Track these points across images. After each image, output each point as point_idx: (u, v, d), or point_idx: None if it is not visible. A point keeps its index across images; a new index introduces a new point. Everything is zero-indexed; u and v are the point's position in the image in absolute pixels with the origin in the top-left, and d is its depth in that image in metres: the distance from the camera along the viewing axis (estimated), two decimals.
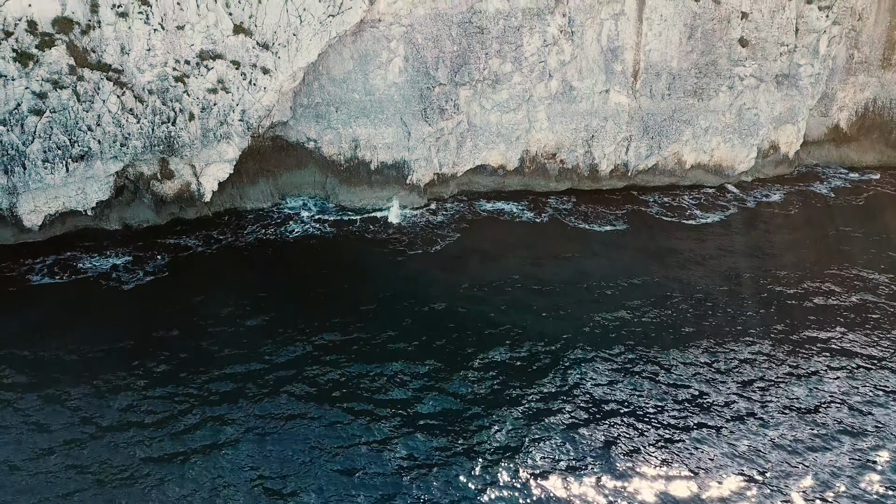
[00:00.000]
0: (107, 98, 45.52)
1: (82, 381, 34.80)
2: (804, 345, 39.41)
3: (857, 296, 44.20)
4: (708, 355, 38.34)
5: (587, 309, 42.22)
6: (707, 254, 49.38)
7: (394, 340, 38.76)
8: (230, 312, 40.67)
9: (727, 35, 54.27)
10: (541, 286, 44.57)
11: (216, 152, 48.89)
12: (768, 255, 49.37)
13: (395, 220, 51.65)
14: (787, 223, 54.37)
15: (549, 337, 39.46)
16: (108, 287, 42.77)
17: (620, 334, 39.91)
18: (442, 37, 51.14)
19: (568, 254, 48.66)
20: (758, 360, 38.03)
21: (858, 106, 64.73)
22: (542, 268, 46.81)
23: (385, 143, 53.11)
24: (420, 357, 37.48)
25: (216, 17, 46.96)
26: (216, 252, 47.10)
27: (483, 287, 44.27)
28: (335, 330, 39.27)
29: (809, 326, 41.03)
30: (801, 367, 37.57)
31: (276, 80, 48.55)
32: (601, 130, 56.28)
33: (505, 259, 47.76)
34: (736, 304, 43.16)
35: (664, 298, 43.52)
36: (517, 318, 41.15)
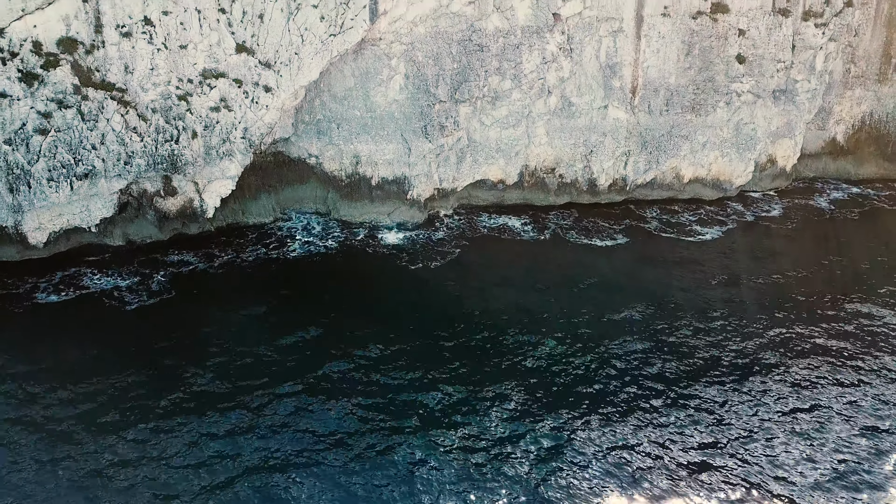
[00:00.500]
0: (111, 117, 46.06)
1: (84, 409, 35.23)
2: (807, 359, 40.00)
3: (854, 312, 44.80)
4: (727, 383, 38.95)
5: (591, 328, 42.75)
6: (706, 273, 49.57)
7: (397, 364, 39.28)
8: (233, 334, 41.13)
9: (724, 52, 54.79)
10: (544, 305, 44.96)
11: (219, 169, 49.42)
12: (765, 274, 49.71)
13: (394, 241, 51.85)
14: (786, 239, 54.68)
15: (555, 356, 40.05)
16: (111, 307, 43.26)
17: (628, 353, 40.46)
18: (442, 55, 51.68)
19: (571, 272, 48.85)
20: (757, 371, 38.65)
21: (855, 119, 65.20)
22: (544, 287, 47.08)
23: (386, 159, 53.63)
24: (426, 378, 38.04)
25: (219, 36, 47.51)
26: (219, 271, 47.56)
27: (485, 306, 44.76)
28: (340, 356, 39.49)
29: (810, 345, 41.54)
30: (805, 386, 38.12)
31: (278, 99, 49.09)
32: (600, 145, 56.80)
33: (508, 276, 48.14)
34: (735, 325, 43.67)
35: (670, 319, 43.83)
36: (521, 335, 41.73)
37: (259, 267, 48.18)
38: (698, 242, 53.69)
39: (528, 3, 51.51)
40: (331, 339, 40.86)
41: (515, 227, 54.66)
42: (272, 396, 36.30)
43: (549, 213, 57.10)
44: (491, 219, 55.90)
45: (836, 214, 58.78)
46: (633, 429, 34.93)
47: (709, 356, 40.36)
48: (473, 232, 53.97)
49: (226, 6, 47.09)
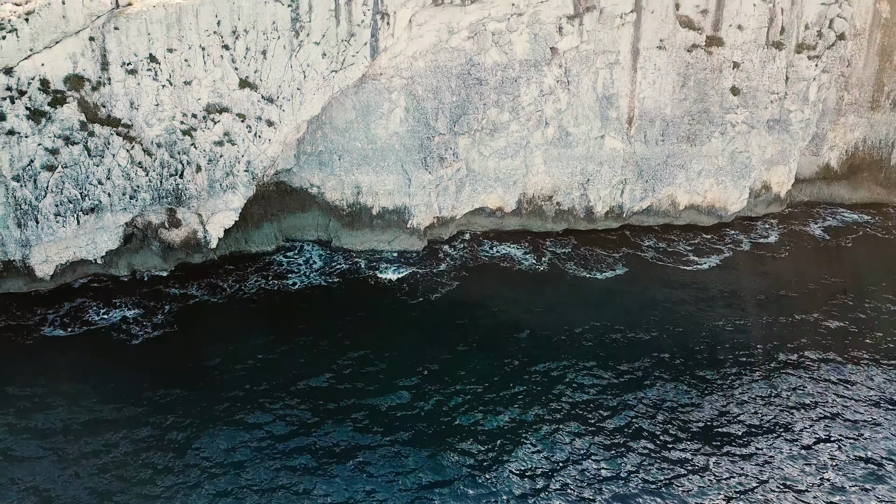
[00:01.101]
0: (116, 152, 46.98)
1: (90, 442, 36.23)
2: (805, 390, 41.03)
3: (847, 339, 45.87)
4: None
5: (588, 360, 43.69)
6: (704, 306, 50.16)
7: (398, 398, 40.22)
8: (236, 368, 42.04)
9: (719, 84, 55.75)
10: (542, 337, 45.90)
11: (222, 202, 50.31)
12: (761, 304, 50.51)
13: (394, 276, 52.38)
14: (781, 267, 55.26)
15: (552, 388, 40.99)
16: (118, 340, 44.17)
17: (625, 387, 41.46)
18: (441, 88, 52.62)
19: (568, 304, 49.60)
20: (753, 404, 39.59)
21: (849, 145, 66.14)
22: (542, 320, 47.80)
23: (386, 189, 54.55)
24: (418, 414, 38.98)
25: (222, 71, 48.43)
26: (222, 303, 48.44)
27: (484, 337, 45.64)
28: (343, 394, 40.41)
29: (808, 375, 42.52)
30: (803, 419, 39.13)
31: (280, 133, 50.01)
32: (596, 174, 57.72)
33: (505, 309, 48.83)
34: (734, 356, 44.63)
35: (667, 352, 44.75)
36: (522, 369, 42.68)
37: (261, 299, 49.04)
38: (696, 272, 54.29)
39: (525, 38, 52.45)
40: (333, 370, 41.90)
41: (516, 256, 55.32)
42: (276, 439, 37.19)
43: (547, 240, 57.89)
44: (492, 247, 56.47)
45: (831, 243, 59.27)
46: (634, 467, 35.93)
47: (713, 391, 41.34)
48: (474, 261, 54.67)
49: (229, 43, 48.01)
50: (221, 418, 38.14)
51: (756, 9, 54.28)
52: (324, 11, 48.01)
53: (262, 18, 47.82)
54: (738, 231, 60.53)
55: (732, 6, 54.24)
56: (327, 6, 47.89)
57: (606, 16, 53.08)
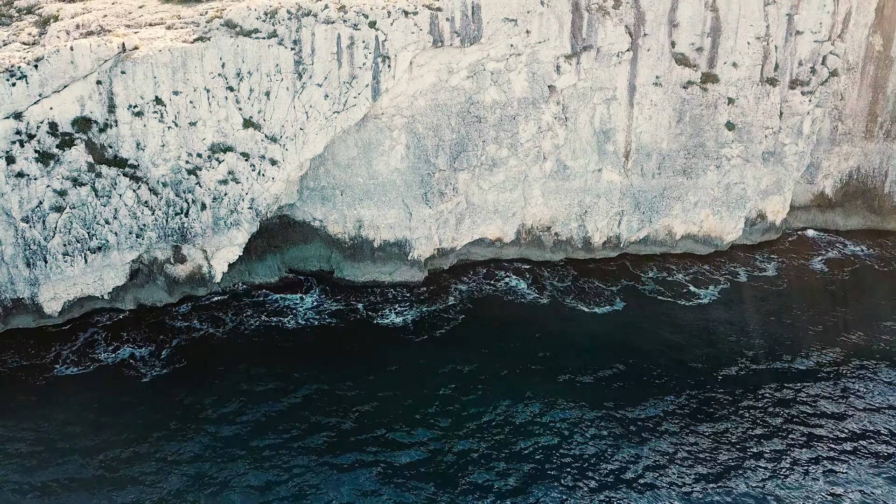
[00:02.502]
0: (123, 192, 48.03)
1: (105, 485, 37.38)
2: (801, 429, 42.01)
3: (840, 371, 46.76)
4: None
5: (589, 399, 44.66)
6: (704, 342, 50.91)
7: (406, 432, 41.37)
8: (242, 405, 43.20)
9: (714, 119, 56.73)
10: (541, 373, 46.87)
11: (226, 238, 51.34)
12: (764, 337, 51.22)
13: (397, 320, 52.90)
14: (778, 301, 55.93)
15: (553, 426, 42.02)
16: (128, 377, 45.26)
17: (625, 425, 42.45)
18: (442, 126, 53.62)
19: (568, 340, 50.51)
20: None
21: (843, 174, 67.13)
22: (543, 356, 48.77)
23: (388, 223, 55.57)
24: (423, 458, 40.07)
25: (227, 112, 49.46)
26: (226, 337, 49.53)
27: (486, 375, 46.61)
28: (347, 427, 41.64)
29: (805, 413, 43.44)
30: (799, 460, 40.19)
31: (283, 171, 51.03)
32: (594, 206, 58.72)
33: (508, 346, 49.75)
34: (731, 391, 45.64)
35: (670, 391, 45.73)
36: (525, 410, 43.64)
37: (263, 335, 50.01)
38: (696, 306, 54.84)
39: (524, 77, 53.45)
40: (336, 409, 43.07)
41: (519, 289, 56.16)
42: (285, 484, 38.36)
43: (546, 270, 58.80)
44: (496, 281, 57.32)
45: (828, 275, 59.72)
46: None
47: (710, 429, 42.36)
48: (476, 295, 55.57)
49: (234, 84, 49.03)
50: (227, 460, 39.25)
51: (750, 46, 55.25)
52: (326, 54, 49.02)
53: (266, 61, 48.83)
54: (735, 262, 61.24)
55: (727, 44, 55.21)
56: (329, 49, 48.90)
57: (603, 54, 54.06)
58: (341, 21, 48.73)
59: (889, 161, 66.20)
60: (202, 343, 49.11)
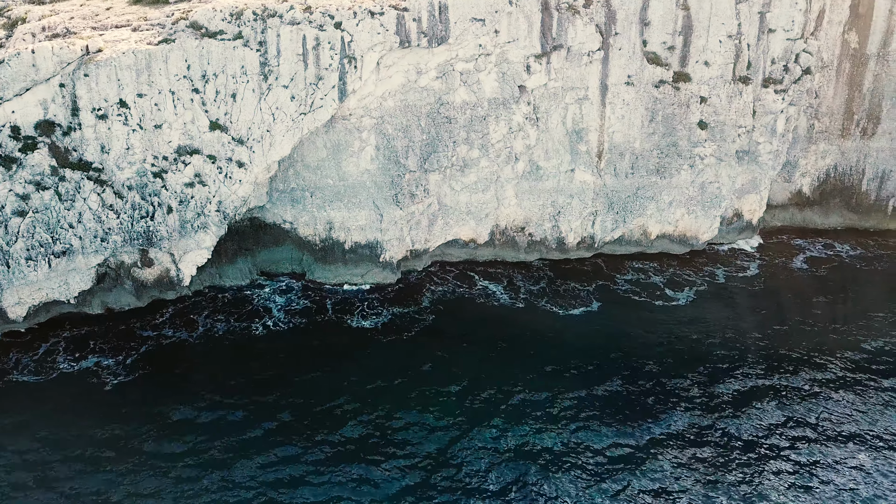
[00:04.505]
0: (87, 196, 47.57)
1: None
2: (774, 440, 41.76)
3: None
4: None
5: (560, 403, 44.30)
6: (676, 339, 50.61)
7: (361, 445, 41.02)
8: (207, 414, 42.72)
9: (687, 119, 56.40)
10: (512, 382, 46.33)
11: (194, 241, 50.91)
12: (738, 341, 50.66)
13: (367, 325, 52.44)
14: (755, 302, 55.44)
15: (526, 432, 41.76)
16: (90, 384, 44.74)
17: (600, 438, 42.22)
18: (411, 127, 53.23)
19: (541, 342, 50.01)
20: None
21: (820, 172, 66.85)
22: (514, 366, 48.21)
23: (358, 225, 55.18)
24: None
25: (193, 114, 49.02)
26: (195, 343, 49.10)
27: (454, 384, 46.22)
28: (319, 443, 40.98)
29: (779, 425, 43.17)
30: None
31: (251, 173, 50.62)
32: (567, 206, 58.38)
33: (478, 352, 49.19)
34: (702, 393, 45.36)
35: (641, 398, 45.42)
36: (493, 416, 43.32)
37: (233, 340, 49.62)
38: (671, 307, 54.34)
39: (494, 77, 53.09)
40: (302, 414, 42.65)
41: (493, 291, 55.72)
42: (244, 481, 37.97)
43: (521, 271, 58.41)
44: (470, 283, 56.99)
45: (808, 274, 59.25)
46: None
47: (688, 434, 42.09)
48: (452, 294, 55.24)
49: (199, 86, 48.60)
50: (186, 468, 38.84)
51: (722, 45, 54.92)
52: (292, 56, 48.62)
53: (232, 63, 48.44)
54: (712, 261, 60.82)
55: (699, 43, 54.88)
56: (295, 51, 48.50)
57: (574, 54, 53.70)
58: (307, 22, 48.32)
59: (866, 159, 65.90)
60: (170, 349, 48.67)
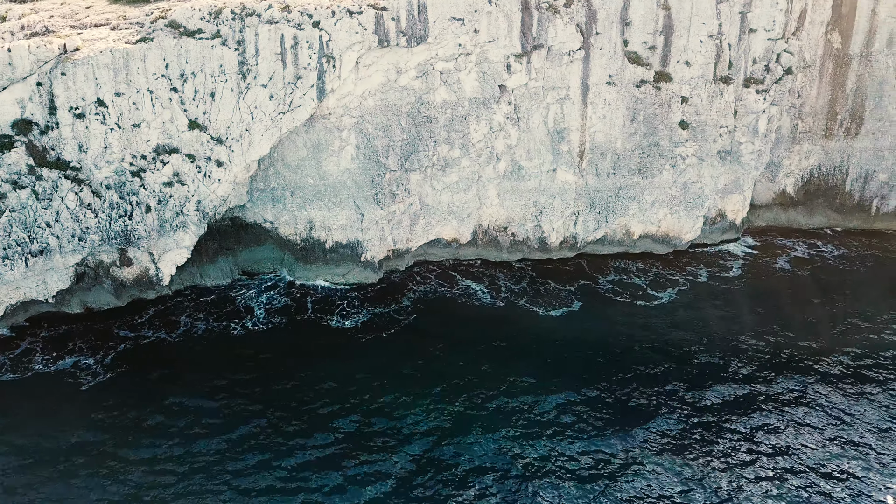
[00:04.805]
0: (65, 195, 47.47)
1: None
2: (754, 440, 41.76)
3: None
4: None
5: (539, 406, 44.15)
6: (657, 343, 50.44)
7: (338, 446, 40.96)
8: (184, 416, 42.56)
9: (668, 118, 56.40)
10: (490, 383, 46.24)
11: (173, 241, 50.81)
12: (719, 344, 50.52)
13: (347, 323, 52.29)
14: (737, 303, 55.29)
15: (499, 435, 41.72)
16: (67, 385, 44.58)
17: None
18: (392, 126, 53.19)
19: (520, 342, 49.96)
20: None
21: (804, 172, 66.87)
22: (494, 359, 48.25)
23: (339, 224, 55.11)
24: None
25: (171, 113, 48.94)
26: (174, 342, 48.96)
27: (431, 383, 46.12)
28: (295, 447, 40.71)
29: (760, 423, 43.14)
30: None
31: (230, 172, 50.54)
32: (549, 206, 58.35)
33: (458, 352, 49.03)
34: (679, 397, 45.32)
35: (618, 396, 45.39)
36: (470, 420, 43.19)
37: (213, 340, 49.46)
38: (653, 307, 54.12)
39: (474, 77, 53.06)
40: (282, 417, 42.58)
41: (474, 290, 55.66)
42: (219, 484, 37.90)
43: (503, 271, 58.37)
44: (452, 283, 56.88)
45: (791, 274, 59.13)
46: None
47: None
48: (433, 294, 55.20)
49: (178, 86, 48.52)
50: (162, 472, 38.76)
51: (703, 45, 54.93)
52: (270, 55, 48.56)
53: (210, 62, 48.36)
54: (695, 261, 60.78)
55: (680, 42, 54.89)
56: (273, 50, 48.43)
57: (555, 53, 53.67)
58: (285, 21, 48.26)
59: (850, 159, 65.93)
60: (148, 349, 48.48)
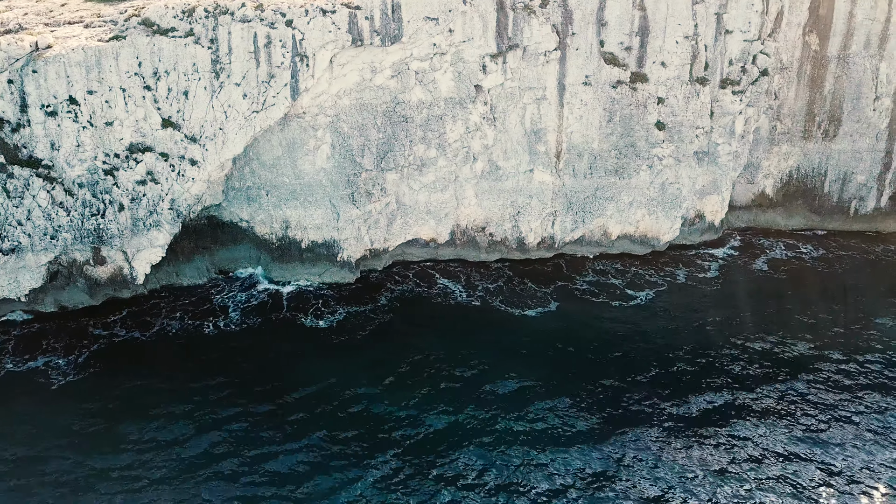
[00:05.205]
0: (37, 193, 47.34)
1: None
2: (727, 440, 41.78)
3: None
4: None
5: (506, 405, 44.10)
6: (631, 344, 50.28)
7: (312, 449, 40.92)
8: (152, 423, 42.09)
9: (644, 119, 56.48)
10: (461, 384, 46.11)
11: (146, 239, 50.70)
12: (693, 345, 50.42)
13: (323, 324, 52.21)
14: (712, 304, 55.16)
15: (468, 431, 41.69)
16: (36, 384, 44.34)
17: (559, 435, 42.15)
18: (367, 125, 53.16)
19: (493, 342, 49.91)
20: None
21: (783, 174, 67.04)
22: (463, 366, 47.86)
23: (315, 223, 55.04)
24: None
25: (145, 112, 48.84)
26: (148, 341, 48.76)
27: (403, 382, 46.06)
28: (265, 453, 40.32)
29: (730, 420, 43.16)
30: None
31: (204, 171, 50.44)
32: (527, 206, 58.38)
33: (429, 351, 48.91)
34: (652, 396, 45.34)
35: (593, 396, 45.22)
36: (440, 416, 43.05)
37: (186, 340, 49.20)
38: (630, 308, 54.09)
39: (450, 77, 53.07)
40: (251, 420, 42.38)
41: (451, 290, 55.63)
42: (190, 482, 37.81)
43: (480, 271, 58.36)
44: (429, 282, 56.88)
45: (769, 276, 59.13)
46: None
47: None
48: (410, 293, 55.19)
49: (151, 84, 48.43)
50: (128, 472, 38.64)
51: (679, 46, 55.05)
52: (243, 53, 48.49)
53: (183, 60, 48.28)
54: (674, 262, 60.81)
55: (656, 43, 54.99)
56: (246, 48, 48.37)
57: (531, 54, 53.72)
58: (258, 20, 48.21)
59: (828, 161, 66.12)
60: (121, 348, 48.20)
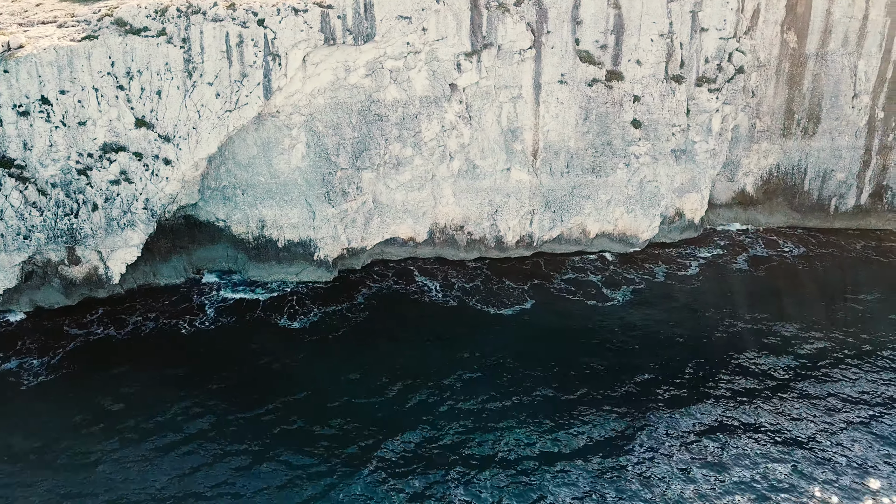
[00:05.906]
0: (9, 193, 47.35)
1: None
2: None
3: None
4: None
5: (480, 402, 44.24)
6: (606, 342, 50.31)
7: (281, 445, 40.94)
8: (123, 423, 42.18)
9: (620, 117, 56.51)
10: (436, 382, 46.19)
11: (121, 239, 50.74)
12: (668, 343, 50.48)
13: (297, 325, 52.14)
14: (690, 303, 55.16)
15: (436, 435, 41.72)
16: (10, 384, 44.31)
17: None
18: (342, 124, 53.18)
19: (467, 340, 49.98)
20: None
21: (763, 171, 67.05)
22: (438, 364, 47.91)
23: (291, 222, 55.06)
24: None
25: (118, 111, 48.87)
26: (123, 340, 48.77)
27: (376, 380, 46.14)
28: (236, 452, 40.46)
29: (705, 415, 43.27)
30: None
31: (178, 170, 50.47)
32: (504, 205, 58.40)
33: (405, 350, 49.01)
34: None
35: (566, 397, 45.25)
36: (413, 415, 43.18)
37: (161, 339, 49.23)
38: (607, 307, 54.08)
39: (424, 75, 53.07)
40: (223, 421, 42.40)
41: (427, 289, 55.66)
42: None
43: (458, 270, 58.36)
44: (407, 281, 56.95)
45: (749, 274, 59.02)
46: None
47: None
48: (387, 290, 55.22)
49: (124, 83, 48.47)
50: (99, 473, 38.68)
51: (654, 44, 55.06)
52: (215, 53, 48.52)
53: (156, 60, 48.32)
54: (652, 260, 60.79)
55: (631, 41, 55.01)
56: (218, 48, 48.40)
57: (505, 52, 53.74)
58: (230, 19, 48.25)
59: (808, 158, 66.15)
60: (96, 347, 48.24)
